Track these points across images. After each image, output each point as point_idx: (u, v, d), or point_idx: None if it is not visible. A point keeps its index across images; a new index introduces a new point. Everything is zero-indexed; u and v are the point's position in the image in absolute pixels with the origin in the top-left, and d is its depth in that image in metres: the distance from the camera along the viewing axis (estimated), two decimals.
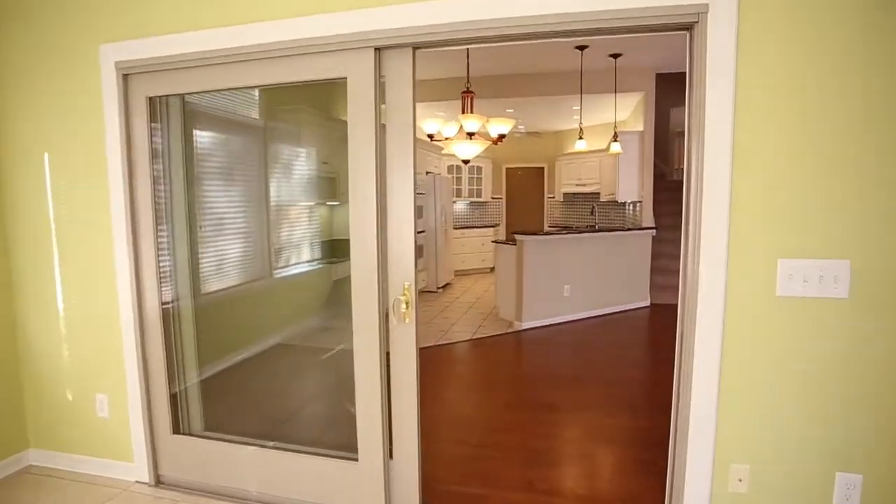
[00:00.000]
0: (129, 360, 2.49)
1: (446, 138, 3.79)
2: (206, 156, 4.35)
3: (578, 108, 7.61)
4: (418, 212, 7.37)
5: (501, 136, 3.72)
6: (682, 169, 7.01)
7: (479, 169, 10.09)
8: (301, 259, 5.49)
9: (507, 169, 10.70)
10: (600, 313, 6.20)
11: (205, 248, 4.33)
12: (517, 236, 5.63)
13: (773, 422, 1.77)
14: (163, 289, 2.74)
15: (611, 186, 7.88)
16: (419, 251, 7.55)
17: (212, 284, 4.41)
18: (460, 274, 9.36)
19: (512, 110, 7.89)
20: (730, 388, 1.79)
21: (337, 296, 5.86)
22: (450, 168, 9.52)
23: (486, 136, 3.92)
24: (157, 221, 2.60)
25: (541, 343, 5.10)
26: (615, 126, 6.10)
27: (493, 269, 7.21)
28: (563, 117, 8.65)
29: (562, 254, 5.79)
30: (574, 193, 9.86)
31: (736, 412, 1.80)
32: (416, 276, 2.13)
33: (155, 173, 2.57)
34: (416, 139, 2.07)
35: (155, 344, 2.51)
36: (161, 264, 2.74)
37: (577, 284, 5.95)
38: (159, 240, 2.63)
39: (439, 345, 5.04)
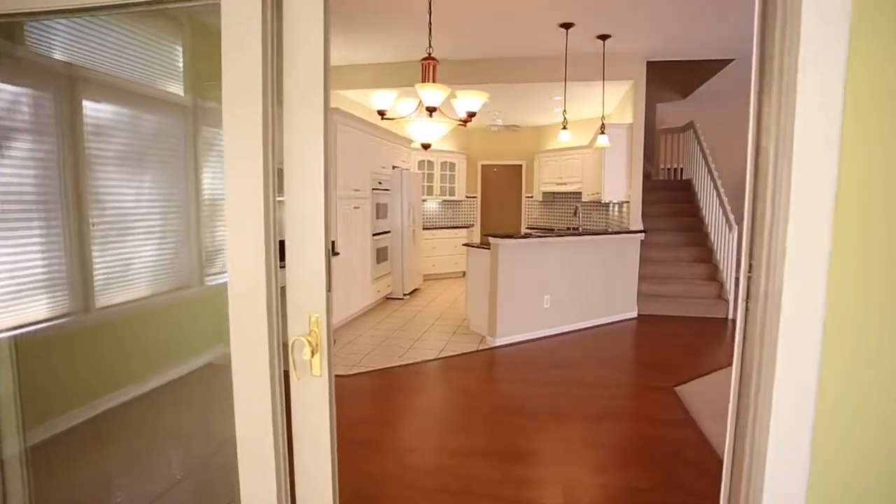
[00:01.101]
0: None
1: (401, 117, 3.05)
2: (103, 136, 3.52)
3: (560, 98, 6.95)
4: (382, 210, 6.62)
5: (471, 115, 3.00)
6: (669, 168, 6.36)
7: (453, 165, 9.37)
8: None
9: (482, 166, 10.01)
10: (584, 326, 5.54)
11: (102, 251, 3.50)
12: (492, 239, 4.93)
13: None
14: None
15: (594, 185, 7.26)
16: (383, 253, 6.81)
17: (113, 296, 3.58)
18: (430, 278, 8.63)
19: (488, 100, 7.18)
20: None
21: None
22: (420, 164, 8.79)
23: (453, 116, 3.20)
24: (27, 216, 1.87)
25: (516, 364, 4.40)
26: (602, 117, 5.46)
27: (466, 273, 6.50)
28: (543, 110, 8.00)
29: (542, 259, 5.11)
30: (554, 193, 9.23)
31: None
32: (330, 304, 1.39)
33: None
34: (328, 95, 1.33)
35: None
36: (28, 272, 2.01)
37: (559, 294, 5.28)
38: (30, 238, 1.90)
39: (399, 366, 4.30)
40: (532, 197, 9.70)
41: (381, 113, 2.88)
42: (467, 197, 9.84)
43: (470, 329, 5.44)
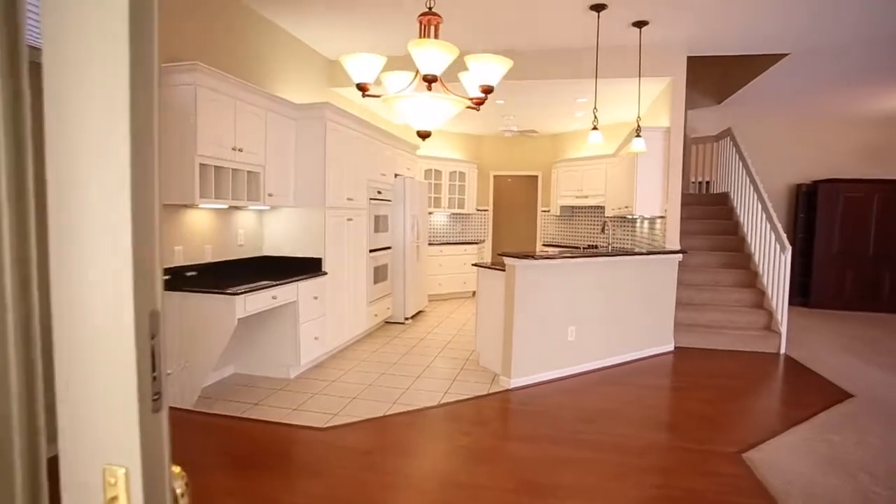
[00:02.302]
0: None
1: (391, 95, 2.28)
2: None
3: (584, 100, 6.19)
4: (382, 223, 5.81)
5: (488, 91, 2.24)
6: (700, 182, 5.44)
7: (462, 175, 8.61)
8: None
9: (494, 176, 9.24)
10: (615, 363, 4.70)
11: None
12: (507, 260, 4.13)
13: None
14: None
15: (621, 199, 6.45)
16: (382, 272, 6.02)
17: None
18: (436, 299, 7.83)
19: (502, 102, 6.45)
20: None
21: (258, 333, 4.29)
22: (427, 173, 8.04)
23: (462, 95, 2.43)
24: None
25: (536, 415, 3.57)
26: (638, 118, 4.67)
27: (476, 295, 5.72)
28: (563, 114, 7.23)
29: (566, 284, 4.30)
30: (573, 207, 8.43)
31: None
32: (162, 440, 0.61)
33: None
34: (157, 55, 0.56)
35: None
36: None
37: (586, 325, 4.45)
38: None
39: (391, 415, 3.49)
40: (549, 211, 8.90)
41: (362, 88, 2.14)
42: (478, 210, 9.06)
43: (480, 364, 4.62)
